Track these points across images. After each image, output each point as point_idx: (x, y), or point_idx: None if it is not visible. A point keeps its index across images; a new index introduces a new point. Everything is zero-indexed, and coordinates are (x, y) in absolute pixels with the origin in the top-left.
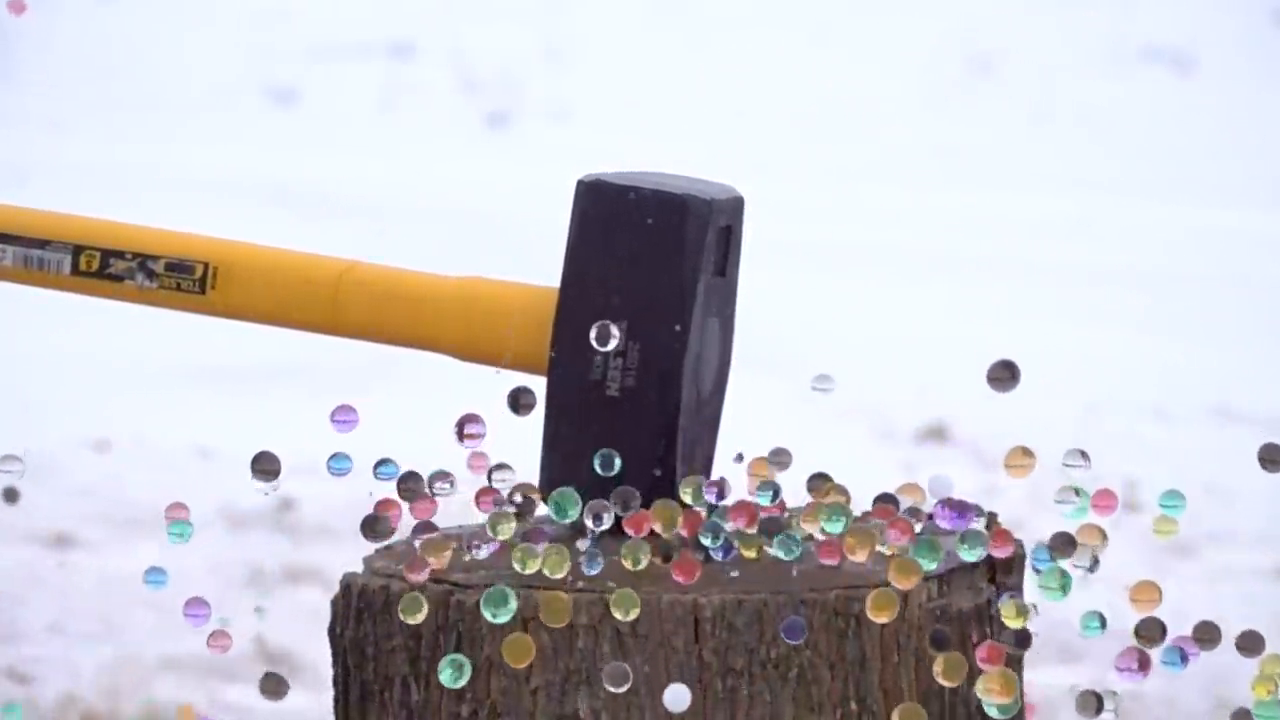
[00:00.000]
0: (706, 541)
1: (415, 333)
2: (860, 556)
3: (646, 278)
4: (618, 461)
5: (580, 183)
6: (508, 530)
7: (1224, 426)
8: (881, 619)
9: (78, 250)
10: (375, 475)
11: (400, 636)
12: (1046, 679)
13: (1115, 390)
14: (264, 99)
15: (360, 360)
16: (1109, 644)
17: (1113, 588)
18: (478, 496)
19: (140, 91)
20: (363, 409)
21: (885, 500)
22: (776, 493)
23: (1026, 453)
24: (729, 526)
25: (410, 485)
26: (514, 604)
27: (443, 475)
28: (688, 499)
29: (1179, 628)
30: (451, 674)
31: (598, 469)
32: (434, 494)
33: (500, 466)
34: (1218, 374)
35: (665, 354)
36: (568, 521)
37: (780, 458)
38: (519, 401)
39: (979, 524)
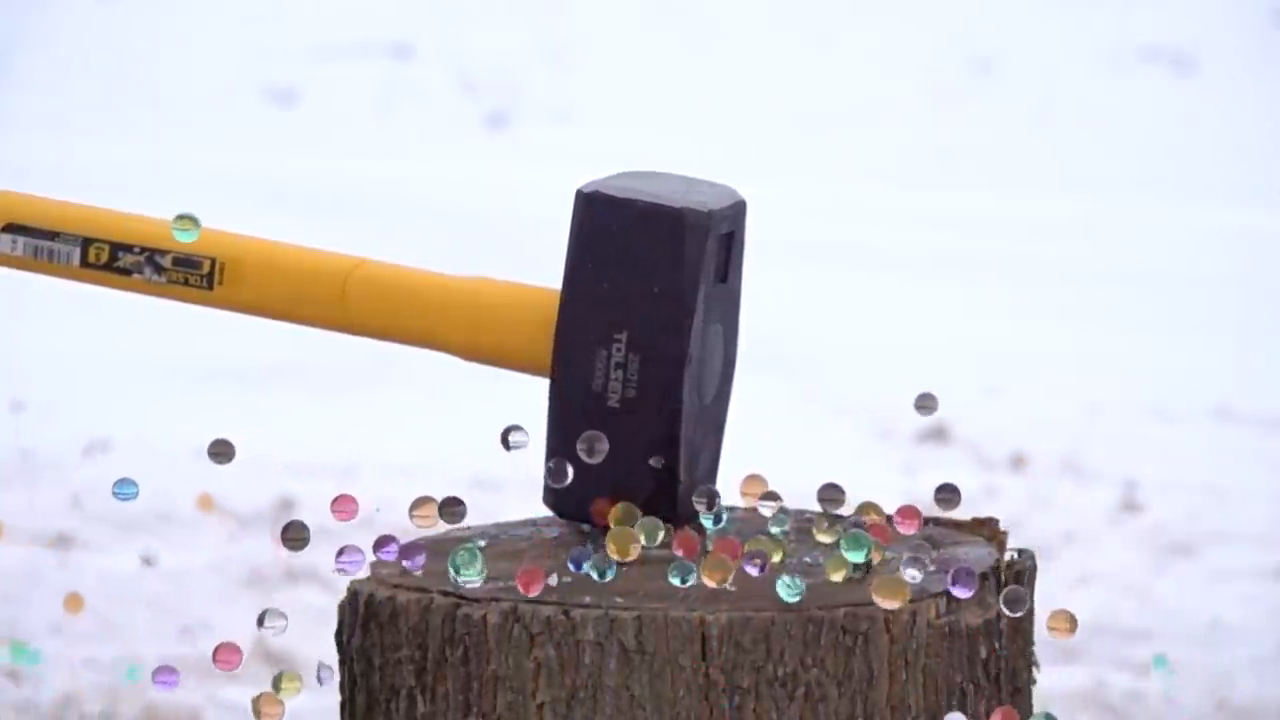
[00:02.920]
0: (676, 580)
1: (422, 331)
2: (892, 605)
3: (645, 290)
4: (569, 469)
5: (579, 193)
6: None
7: (1224, 426)
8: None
9: (87, 243)
10: (113, 493)
11: (407, 648)
12: (1047, 680)
13: (1115, 390)
14: (264, 99)
15: (361, 361)
16: (1108, 643)
17: (1111, 587)
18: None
19: (140, 91)
20: (362, 409)
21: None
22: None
23: (1071, 619)
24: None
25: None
26: (480, 566)
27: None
28: (701, 508)
29: (1178, 627)
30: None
31: (548, 480)
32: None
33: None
34: (1218, 374)
35: (665, 366)
36: (470, 583)
37: (926, 402)
38: (593, 448)
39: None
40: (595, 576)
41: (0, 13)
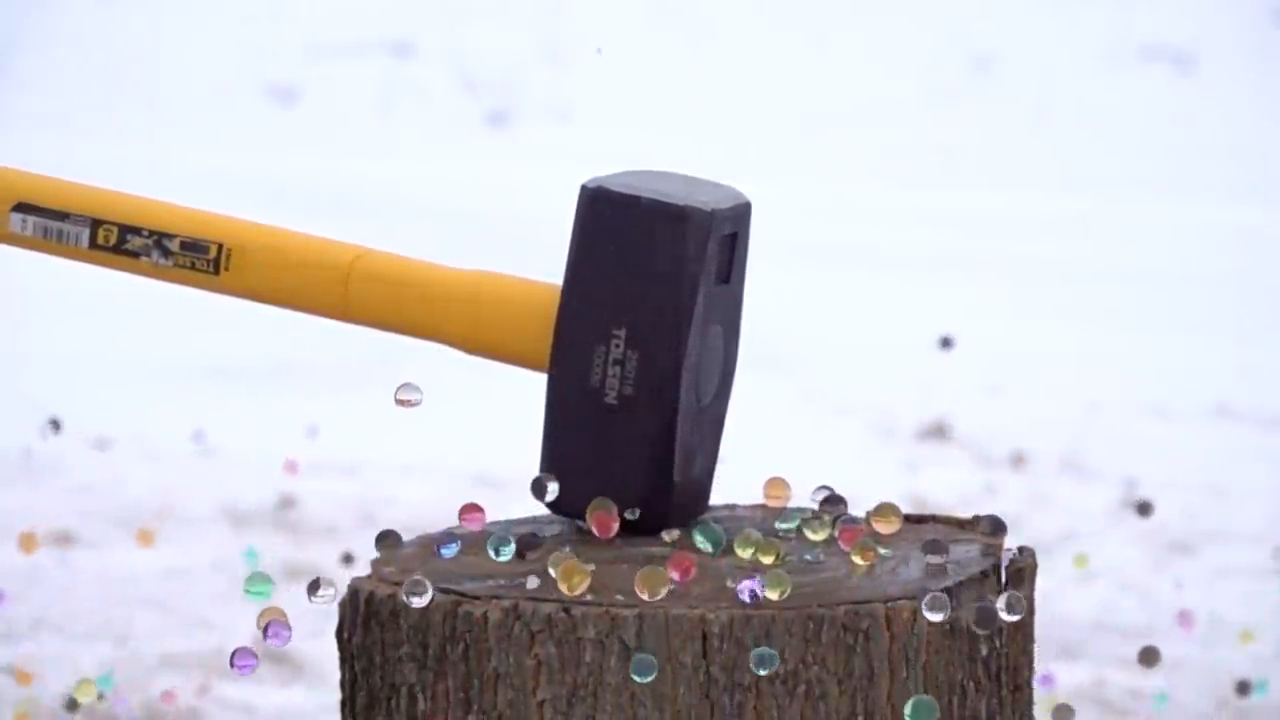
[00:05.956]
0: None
1: (422, 323)
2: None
3: (646, 288)
4: (552, 486)
5: (583, 188)
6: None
7: (1224, 426)
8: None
9: (96, 224)
10: None
11: (408, 645)
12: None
13: (1115, 390)
14: (263, 98)
15: (362, 359)
16: (1107, 642)
17: (1109, 586)
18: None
19: (140, 91)
20: (364, 407)
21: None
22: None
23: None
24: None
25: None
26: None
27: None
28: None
29: (1177, 626)
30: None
31: (532, 493)
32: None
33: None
34: (1218, 373)
35: (663, 364)
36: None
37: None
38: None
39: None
40: (493, 555)
41: (0, 13)
